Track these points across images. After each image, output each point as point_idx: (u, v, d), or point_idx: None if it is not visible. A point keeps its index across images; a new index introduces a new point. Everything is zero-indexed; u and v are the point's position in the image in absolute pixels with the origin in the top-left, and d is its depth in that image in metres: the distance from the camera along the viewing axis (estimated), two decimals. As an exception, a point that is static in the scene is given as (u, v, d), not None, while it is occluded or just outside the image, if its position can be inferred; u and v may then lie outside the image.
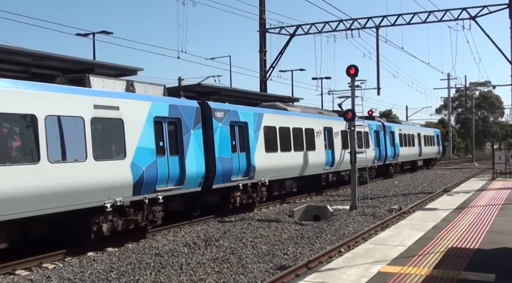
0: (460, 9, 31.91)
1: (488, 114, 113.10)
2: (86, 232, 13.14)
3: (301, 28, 34.45)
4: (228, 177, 18.20)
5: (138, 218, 14.51)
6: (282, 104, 24.52)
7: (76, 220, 12.95)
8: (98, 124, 13.27)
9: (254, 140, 19.86)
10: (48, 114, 11.80)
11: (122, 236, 14.19)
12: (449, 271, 9.17)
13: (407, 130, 42.12)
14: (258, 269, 11.05)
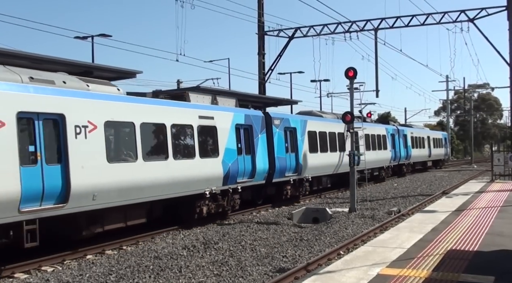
0: (458, 11, 31.95)
1: (487, 116, 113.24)
2: (191, 214, 16.92)
3: (300, 31, 34.48)
4: (283, 173, 21.96)
5: (224, 204, 18.32)
6: (317, 111, 29.06)
7: (183, 204, 16.58)
8: (201, 130, 17.07)
9: (301, 143, 23.65)
10: (172, 123, 15.74)
11: (208, 219, 17.31)
12: (448, 273, 9.17)
13: (418, 133, 45.66)
14: (257, 271, 11.04)
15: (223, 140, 17.99)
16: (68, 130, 12.29)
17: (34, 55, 13.68)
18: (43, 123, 11.86)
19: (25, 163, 11.24)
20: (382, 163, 35.33)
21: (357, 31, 33.60)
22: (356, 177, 20.97)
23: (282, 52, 34.77)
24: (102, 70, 16.09)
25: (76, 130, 12.53)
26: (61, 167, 12.06)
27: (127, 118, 14.18)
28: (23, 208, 11.08)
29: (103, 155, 13.17)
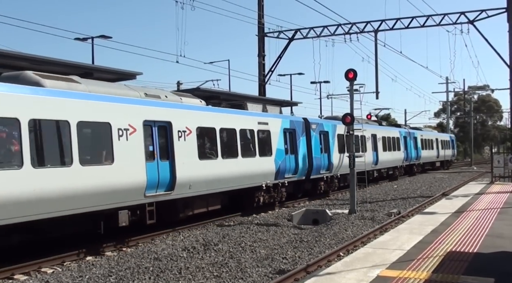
0: (458, 13, 31.97)
1: (487, 118, 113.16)
2: (251, 202, 20.46)
3: (300, 32, 34.50)
4: (318, 170, 25.47)
5: (275, 195, 21.64)
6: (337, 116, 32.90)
7: (246, 194, 20.04)
8: (259, 133, 20.49)
9: (332, 145, 27.22)
10: (240, 128, 19.27)
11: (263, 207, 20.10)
12: (448, 275, 9.17)
13: (427, 136, 49.43)
14: (257, 273, 11.04)
15: (275, 142, 21.60)
16: (173, 134, 15.70)
17: (35, 57, 13.70)
18: (158, 129, 15.19)
19: (148, 160, 14.55)
20: (396, 163, 39.11)
21: (357, 32, 33.64)
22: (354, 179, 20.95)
23: (282, 54, 34.82)
24: (102, 72, 16.11)
25: (179, 134, 15.96)
26: (169, 163, 15.49)
27: (210, 124, 17.73)
28: (147, 194, 14.56)
29: (196, 154, 16.66)
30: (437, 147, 52.52)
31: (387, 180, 37.45)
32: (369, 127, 33.73)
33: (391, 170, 38.37)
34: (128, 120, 14.11)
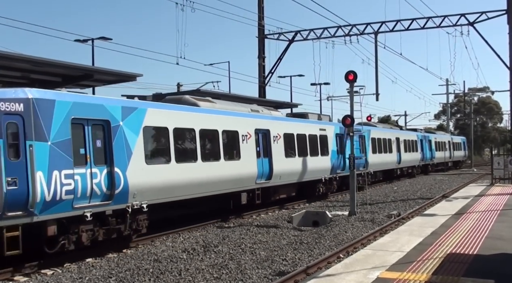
0: (458, 15, 32.01)
1: (487, 120, 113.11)
2: (314, 192, 25.69)
3: (300, 34, 34.52)
4: (358, 168, 27.81)
5: (330, 187, 27.25)
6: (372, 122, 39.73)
7: (310, 185, 25.17)
8: (320, 138, 25.82)
9: (368, 146, 32.41)
10: (309, 134, 24.66)
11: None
12: (448, 277, 9.18)
13: (440, 139, 54.67)
14: (257, 275, 11.04)
15: (330, 144, 27.05)
16: (271, 138, 21.26)
17: (35, 58, 13.70)
18: (261, 134, 20.80)
19: (257, 157, 20.18)
20: (414, 163, 44.55)
21: (357, 34, 33.67)
22: (354, 181, 20.96)
23: (282, 56, 34.85)
24: (102, 74, 16.12)
25: (273, 139, 21.42)
26: (268, 160, 21.02)
27: (291, 131, 23.13)
28: (257, 181, 20.20)
29: (283, 153, 22.13)
30: (449, 149, 57.76)
31: (407, 177, 42.97)
32: (394, 131, 40.41)
33: (410, 169, 43.95)
34: (247, 129, 19.77)
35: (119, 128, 13.71)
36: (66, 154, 12.20)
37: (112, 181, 13.20)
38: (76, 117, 12.59)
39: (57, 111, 12.13)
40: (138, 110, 14.57)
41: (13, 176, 11.10)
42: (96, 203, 12.91)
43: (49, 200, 11.68)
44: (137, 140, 14.29)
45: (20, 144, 11.35)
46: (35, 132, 11.57)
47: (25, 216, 11.31)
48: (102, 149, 13.26)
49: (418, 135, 46.05)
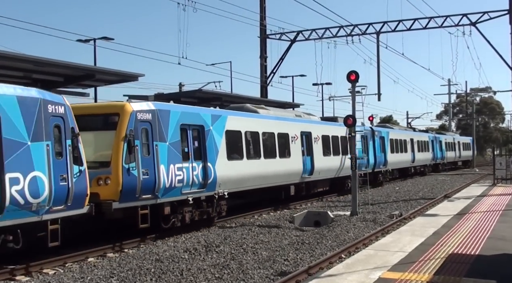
0: (460, 15, 31.97)
1: (489, 120, 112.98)
2: (343, 187, 28.55)
3: (302, 34, 34.52)
4: (379, 165, 34.64)
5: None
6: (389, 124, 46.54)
7: (340, 181, 28.38)
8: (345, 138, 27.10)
9: (387, 146, 36.19)
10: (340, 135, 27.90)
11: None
12: (450, 277, 9.17)
13: (450, 140, 58.80)
14: (259, 275, 11.04)
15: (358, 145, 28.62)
16: (312, 139, 24.77)
17: (37, 58, 13.73)
18: (305, 136, 24.25)
19: (302, 155, 23.58)
20: (426, 162, 48.26)
21: (359, 34, 33.66)
22: (356, 181, 20.94)
23: (284, 56, 34.85)
24: (104, 73, 16.15)
25: (314, 140, 24.90)
26: (310, 158, 24.47)
27: (327, 133, 26.56)
28: (302, 176, 23.74)
29: (321, 152, 25.63)
30: (458, 149, 62.02)
31: (418, 176, 45.74)
32: (409, 133, 44.28)
33: (422, 168, 47.39)
34: (295, 131, 23.31)
35: (210, 132, 17.39)
36: (177, 151, 15.74)
37: (205, 173, 16.90)
38: (183, 123, 16.15)
39: (171, 119, 15.65)
40: (221, 117, 18.33)
41: (146, 168, 14.53)
42: (195, 190, 16.54)
43: (167, 187, 15.18)
44: (221, 141, 18.00)
45: (150, 144, 14.82)
46: (158, 135, 15.06)
47: (152, 199, 14.82)
48: (198, 148, 16.86)
49: (429, 136, 50.11)
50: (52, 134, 11.89)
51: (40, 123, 11.55)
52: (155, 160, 14.81)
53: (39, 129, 11.51)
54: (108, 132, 14.32)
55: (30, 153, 11.24)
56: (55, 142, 11.98)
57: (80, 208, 12.57)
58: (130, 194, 14.16)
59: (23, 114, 11.23)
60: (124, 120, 14.29)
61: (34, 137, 11.35)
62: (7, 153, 10.75)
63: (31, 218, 11.33)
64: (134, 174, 14.23)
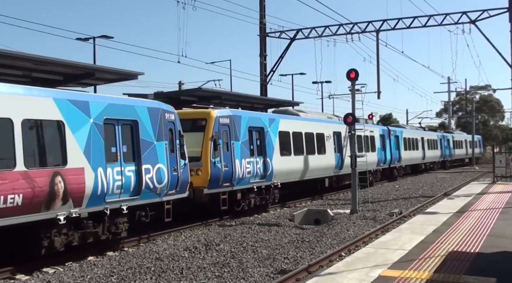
0: (460, 13, 31.90)
1: (489, 118, 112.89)
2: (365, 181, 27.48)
3: (301, 32, 34.45)
4: (394, 162, 38.62)
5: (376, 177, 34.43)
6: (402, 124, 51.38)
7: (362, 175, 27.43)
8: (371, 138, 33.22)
9: (401, 144, 40.01)
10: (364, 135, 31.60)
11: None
12: (450, 275, 9.17)
13: (458, 138, 63.32)
14: (259, 273, 11.04)
15: (377, 143, 34.50)
16: (342, 138, 28.30)
17: (36, 57, 13.69)
18: (335, 135, 27.91)
19: (334, 152, 27.46)
20: (435, 159, 52.29)
21: (358, 32, 33.58)
22: (356, 179, 20.93)
23: (284, 54, 34.77)
24: (104, 72, 16.10)
25: (343, 139, 28.28)
26: (340, 154, 28.02)
27: None
28: (334, 170, 27.50)
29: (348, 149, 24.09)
30: (466, 147, 65.89)
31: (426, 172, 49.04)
32: (420, 132, 48.46)
33: (432, 164, 51.61)
34: (329, 131, 27.19)
35: (268, 132, 21.29)
36: (246, 149, 19.69)
37: (265, 166, 20.85)
38: (250, 126, 20.11)
39: (242, 122, 19.65)
40: (275, 120, 22.26)
41: (226, 162, 18.35)
42: (258, 180, 20.47)
43: (240, 177, 19.10)
44: (276, 140, 21.83)
45: (228, 142, 18.65)
46: (234, 135, 18.98)
47: (230, 186, 18.76)
48: (260, 146, 20.74)
49: (438, 135, 54.41)
50: (168, 135, 15.30)
51: (161, 127, 15.02)
52: (232, 156, 18.72)
53: (161, 132, 14.93)
54: (199, 133, 17.89)
55: (156, 150, 14.67)
56: (169, 142, 15.35)
57: (184, 193, 16.08)
58: (215, 183, 17.95)
59: (151, 120, 14.64)
60: (210, 124, 18.06)
61: (158, 138, 14.82)
62: (142, 149, 14.17)
63: (156, 199, 14.79)
64: (218, 167, 17.98)
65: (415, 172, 45.42)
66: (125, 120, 13.89)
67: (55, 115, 11.97)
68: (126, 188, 13.59)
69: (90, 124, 12.76)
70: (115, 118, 13.57)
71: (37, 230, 11.71)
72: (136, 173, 13.91)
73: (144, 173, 14.02)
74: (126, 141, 13.92)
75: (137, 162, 14.00)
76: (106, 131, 13.21)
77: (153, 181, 14.35)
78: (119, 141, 13.65)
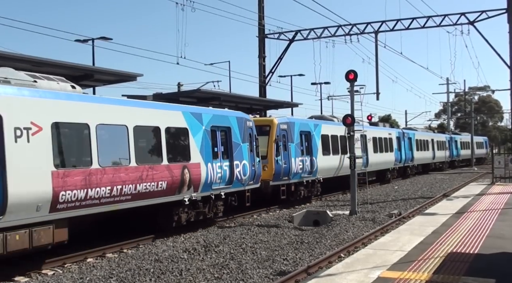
0: (458, 14, 31.94)
1: (487, 119, 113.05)
2: (384, 178, 36.64)
3: (300, 33, 34.46)
4: (408, 161, 42.53)
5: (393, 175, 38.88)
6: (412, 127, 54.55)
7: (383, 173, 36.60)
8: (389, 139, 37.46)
9: (414, 145, 43.80)
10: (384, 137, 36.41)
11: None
12: (449, 276, 9.17)
13: (465, 139, 67.59)
14: (258, 274, 11.04)
15: (394, 144, 38.74)
16: (367, 140, 31.99)
17: (35, 58, 13.70)
18: (365, 137, 31.32)
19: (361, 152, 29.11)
20: (443, 159, 56.29)
21: (357, 33, 33.60)
22: (355, 180, 20.93)
23: (283, 55, 34.78)
24: (102, 73, 16.13)
25: (368, 140, 32.16)
26: (366, 154, 31.06)
27: (380, 135, 35.59)
28: (362, 167, 28.24)
29: (372, 150, 33.20)
30: (472, 147, 68.73)
31: (436, 171, 52.33)
32: (430, 134, 52.57)
33: (441, 163, 55.55)
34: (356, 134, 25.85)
35: (313, 136, 25.37)
36: (299, 149, 23.96)
37: (312, 164, 24.86)
38: (301, 130, 24.36)
39: (295, 128, 23.90)
40: (319, 125, 26.42)
41: (285, 160, 22.67)
42: (306, 175, 24.53)
43: (295, 172, 23.36)
44: (319, 142, 25.96)
45: (286, 144, 22.92)
46: (290, 138, 23.31)
47: (287, 180, 22.99)
48: (307, 146, 24.88)
49: (446, 136, 58.56)
50: (248, 138, 19.42)
51: (245, 132, 19.20)
52: (289, 155, 22.97)
53: (244, 136, 19.17)
54: (265, 137, 22.08)
55: (242, 150, 18.90)
56: (249, 143, 19.46)
57: (258, 184, 20.36)
58: (278, 176, 22.26)
59: (238, 127, 18.87)
60: (273, 129, 22.40)
61: (243, 140, 19.04)
62: (234, 149, 18.39)
63: (241, 188, 19.10)
64: (280, 164, 22.29)
65: (426, 171, 49.66)
66: (222, 127, 18.15)
67: (183, 124, 16.08)
68: (224, 179, 17.80)
69: (203, 130, 16.89)
70: (217, 125, 17.78)
71: (170, 208, 15.67)
72: (229, 167, 18.11)
73: (235, 168, 18.31)
74: (223, 143, 18.08)
75: (230, 159, 18.23)
76: (212, 136, 17.35)
77: (240, 174, 18.70)
78: (219, 143, 17.80)
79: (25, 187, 10.96)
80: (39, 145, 11.36)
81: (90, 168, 12.53)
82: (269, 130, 22.33)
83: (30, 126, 11.20)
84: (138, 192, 13.90)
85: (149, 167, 14.35)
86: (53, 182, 11.53)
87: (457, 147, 62.15)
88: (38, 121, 11.41)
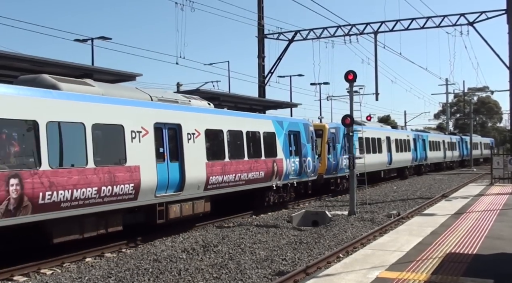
0: (458, 14, 31.97)
1: (487, 120, 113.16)
2: (403, 174, 42.57)
3: (300, 34, 34.48)
4: (422, 160, 47.42)
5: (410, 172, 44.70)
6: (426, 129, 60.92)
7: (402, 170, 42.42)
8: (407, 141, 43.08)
9: (427, 146, 48.61)
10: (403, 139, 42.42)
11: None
12: (448, 277, 9.17)
13: (473, 140, 70.15)
14: (257, 275, 11.04)
15: (411, 145, 43.36)
16: (391, 141, 38.21)
17: (35, 58, 13.70)
18: (389, 139, 37.74)
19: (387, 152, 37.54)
20: (454, 158, 61.59)
21: (357, 34, 33.62)
22: (354, 181, 20.95)
23: (282, 55, 34.80)
24: (102, 73, 16.14)
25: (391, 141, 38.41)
26: (390, 153, 37.21)
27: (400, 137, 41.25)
28: (386, 165, 37.33)
29: (395, 150, 38.79)
30: (480, 148, 75.10)
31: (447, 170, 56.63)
32: (442, 135, 57.50)
33: (451, 163, 60.67)
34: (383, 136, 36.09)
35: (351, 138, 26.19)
36: (343, 149, 28.56)
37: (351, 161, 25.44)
38: (344, 134, 27.54)
39: (341, 131, 28.43)
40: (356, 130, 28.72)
41: (334, 157, 27.82)
42: (347, 171, 24.94)
43: (341, 168, 28.45)
44: (356, 143, 27.12)
45: (334, 145, 27.94)
46: (337, 140, 28.29)
47: (335, 174, 28.18)
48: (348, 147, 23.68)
49: (457, 138, 63.87)
50: (311, 140, 24.16)
51: (308, 135, 24.01)
52: (337, 154, 27.96)
53: (308, 137, 23.96)
54: (319, 139, 26.85)
55: (307, 149, 23.75)
56: (311, 143, 24.16)
57: (316, 176, 25.02)
58: (329, 171, 27.50)
59: (305, 131, 23.73)
60: (325, 133, 27.65)
61: (307, 141, 23.83)
62: (302, 148, 23.30)
63: (305, 178, 23.82)
64: (330, 161, 27.49)
65: (438, 170, 54.65)
66: (295, 131, 23.03)
67: (272, 129, 21.30)
68: (295, 171, 22.72)
69: (284, 134, 22.04)
70: (291, 130, 22.74)
71: (263, 192, 20.85)
72: (299, 162, 23.01)
73: (303, 163, 23.17)
74: (294, 143, 22.96)
75: (299, 156, 23.11)
76: (288, 138, 22.36)
77: (306, 168, 23.51)
78: (292, 143, 22.67)
79: (193, 173, 16.11)
80: (199, 145, 16.64)
81: (224, 161, 17.93)
82: (322, 133, 27.37)
83: (194, 132, 16.53)
84: (248, 179, 19.24)
85: (254, 161, 19.65)
86: (206, 170, 16.79)
87: (467, 147, 67.50)
88: (199, 129, 16.77)
